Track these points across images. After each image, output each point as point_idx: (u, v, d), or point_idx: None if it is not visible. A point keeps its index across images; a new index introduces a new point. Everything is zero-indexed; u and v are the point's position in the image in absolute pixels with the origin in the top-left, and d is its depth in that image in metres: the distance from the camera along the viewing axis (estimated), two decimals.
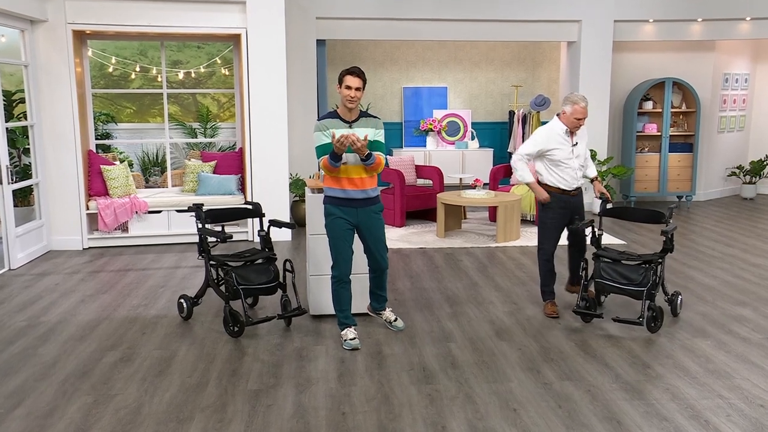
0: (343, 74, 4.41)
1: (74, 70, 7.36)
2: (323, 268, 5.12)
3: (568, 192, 5.18)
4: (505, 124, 12.65)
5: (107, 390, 3.92)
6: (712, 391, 3.89)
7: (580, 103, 5.03)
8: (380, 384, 4.00)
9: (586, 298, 5.02)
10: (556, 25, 9.85)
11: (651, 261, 4.88)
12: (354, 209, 4.52)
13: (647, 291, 4.77)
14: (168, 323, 5.12)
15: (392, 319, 4.98)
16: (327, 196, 4.56)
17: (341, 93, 4.42)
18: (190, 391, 3.90)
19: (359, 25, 9.46)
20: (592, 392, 3.88)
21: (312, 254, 5.14)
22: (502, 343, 4.68)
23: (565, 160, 5.13)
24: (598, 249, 5.15)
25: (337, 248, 4.53)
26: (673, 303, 5.17)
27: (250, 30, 7.70)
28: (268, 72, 7.79)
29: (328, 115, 4.52)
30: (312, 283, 5.17)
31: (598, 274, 4.98)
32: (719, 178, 11.43)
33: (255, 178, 7.94)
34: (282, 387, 3.96)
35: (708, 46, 10.69)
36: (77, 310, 5.45)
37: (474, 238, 8.16)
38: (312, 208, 5.08)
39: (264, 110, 7.85)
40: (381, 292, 4.92)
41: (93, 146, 8.03)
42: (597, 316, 4.99)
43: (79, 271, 6.67)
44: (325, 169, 4.43)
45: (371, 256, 4.71)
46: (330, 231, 4.54)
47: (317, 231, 5.08)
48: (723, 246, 7.71)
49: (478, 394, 3.86)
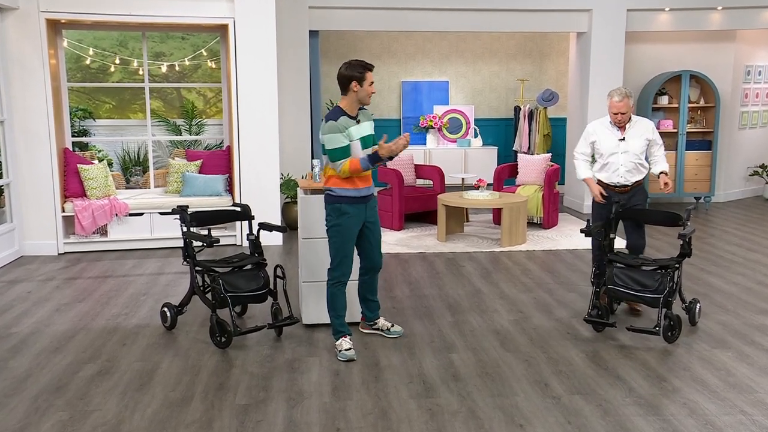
0: (363, 71, 4.51)
1: (48, 62, 7.36)
2: (316, 274, 5.12)
3: (612, 187, 5.39)
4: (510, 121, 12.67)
5: (84, 406, 3.91)
6: (733, 406, 3.89)
7: (613, 97, 5.23)
8: (377, 398, 3.99)
9: (597, 306, 5.04)
10: (564, 15, 9.87)
11: (667, 266, 4.89)
12: (364, 205, 4.69)
13: (664, 298, 4.77)
14: (150, 333, 5.11)
15: (389, 326, 5.01)
16: (341, 196, 4.60)
17: (363, 90, 4.53)
18: (173, 406, 3.89)
19: (355, 15, 9.47)
20: (603, 407, 3.88)
21: (304, 259, 5.14)
22: (508, 354, 4.69)
23: (609, 153, 5.35)
24: (611, 253, 5.17)
25: (345, 248, 4.66)
26: (691, 311, 5.18)
27: (238, 20, 7.71)
28: (258, 65, 7.79)
29: (338, 113, 4.56)
30: (304, 290, 5.17)
31: (611, 281, 4.99)
32: (740, 177, 11.45)
33: (244, 179, 7.94)
34: (272, 401, 3.96)
35: (728, 36, 10.71)
36: (52, 319, 5.44)
37: (477, 242, 8.17)
38: (305, 211, 5.09)
39: (253, 106, 7.85)
40: (374, 297, 4.99)
41: (69, 144, 8.02)
42: (609, 325, 5.00)
43: (53, 278, 6.66)
44: (352, 172, 4.51)
45: (370, 254, 4.82)
46: (342, 230, 4.63)
47: (310, 235, 5.08)
48: (744, 250, 7.73)
49: (481, 408, 3.86)
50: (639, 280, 4.90)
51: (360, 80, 4.51)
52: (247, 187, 7.94)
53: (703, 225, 9.25)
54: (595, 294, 5.09)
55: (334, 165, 4.53)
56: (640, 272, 4.95)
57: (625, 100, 5.20)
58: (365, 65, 4.54)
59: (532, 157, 9.27)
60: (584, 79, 10.04)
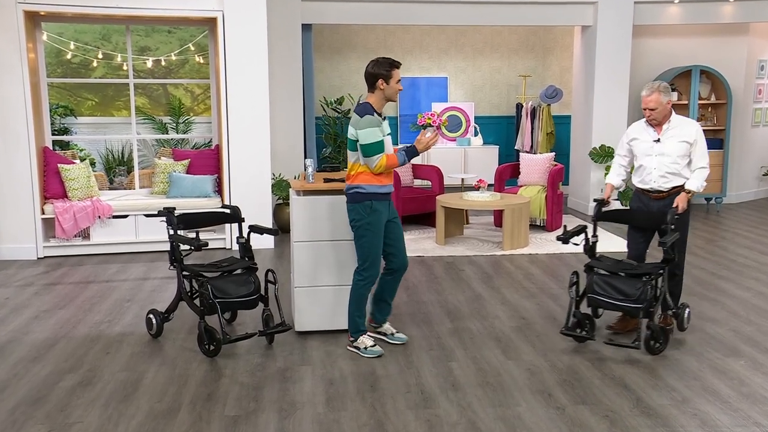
0: (390, 68, 4.67)
1: (26, 56, 7.35)
2: (309, 279, 5.13)
3: (646, 192, 5.18)
4: (512, 119, 12.69)
5: (64, 418, 3.90)
6: (746, 417, 3.90)
7: (643, 91, 5.10)
8: (373, 408, 3.99)
9: (577, 316, 4.94)
10: (569, 7, 9.89)
11: (650, 273, 4.79)
12: (388, 203, 4.84)
13: (645, 308, 4.67)
14: (135, 341, 5.10)
15: (393, 331, 5.06)
16: (371, 193, 4.71)
17: (390, 88, 4.70)
18: (159, 418, 3.89)
19: (350, 8, 9.49)
20: (610, 418, 3.89)
21: (297, 263, 5.14)
22: (509, 362, 4.69)
23: (642, 155, 5.17)
24: (592, 259, 5.08)
25: (377, 246, 4.79)
26: (680, 317, 5.10)
27: (227, 13, 7.71)
28: (248, 60, 7.79)
29: (370, 109, 4.71)
30: (297, 295, 5.17)
31: (591, 288, 4.89)
32: (753, 177, 11.50)
33: (233, 179, 7.94)
34: (263, 412, 3.96)
35: (741, 29, 10.75)
36: (30, 327, 5.43)
37: (477, 245, 8.18)
38: (297, 213, 5.09)
39: (243, 103, 7.85)
40: (390, 300, 5.09)
41: (49, 143, 8.01)
42: (588, 338, 4.92)
43: (32, 284, 6.65)
44: (388, 167, 4.69)
45: (397, 253, 4.94)
46: (374, 228, 4.74)
47: (303, 237, 5.08)
48: (757, 254, 7.75)
49: (482, 419, 3.86)
50: (620, 288, 4.77)
51: (387, 78, 4.68)
52: (237, 188, 7.93)
53: (714, 227, 9.27)
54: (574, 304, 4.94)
55: (369, 160, 4.64)
56: (621, 279, 4.82)
57: (656, 95, 4.96)
58: (392, 62, 4.72)
59: (534, 157, 9.29)
60: (589, 75, 10.06)
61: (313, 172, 5.25)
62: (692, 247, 8.01)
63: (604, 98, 9.89)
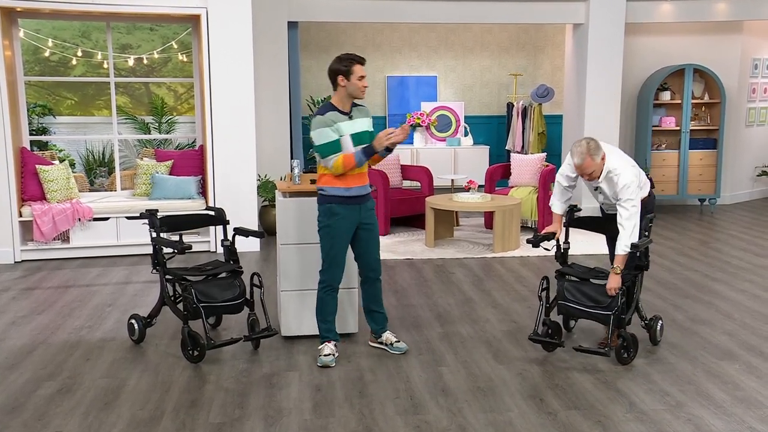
0: (349, 64, 4.59)
1: (2, 53, 7.31)
2: (296, 283, 5.12)
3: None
4: (502, 118, 12.74)
5: (42, 427, 3.88)
6: (741, 422, 3.93)
7: (574, 158, 4.70)
8: (361, 415, 4.00)
9: (547, 323, 4.89)
10: (560, 5, 9.93)
11: (623, 280, 4.72)
12: (358, 206, 4.71)
13: (615, 316, 4.62)
14: (116, 347, 5.08)
15: (393, 341, 5.01)
16: (330, 196, 4.65)
17: (352, 84, 4.59)
18: (141, 426, 3.87)
19: (337, 5, 9.48)
20: (603, 423, 3.90)
21: (284, 267, 5.14)
22: (500, 366, 4.70)
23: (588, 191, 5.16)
24: (563, 265, 5.05)
25: (335, 251, 4.70)
26: (652, 329, 5.02)
27: (211, 10, 7.70)
28: (233, 58, 7.78)
29: (328, 108, 4.64)
30: (283, 299, 5.16)
31: (561, 295, 4.87)
32: (747, 178, 11.58)
33: (218, 180, 7.93)
34: (249, 419, 3.95)
35: (735, 27, 10.83)
36: (7, 333, 5.39)
37: (468, 247, 8.20)
38: (283, 215, 5.08)
39: (228, 102, 7.84)
40: (379, 309, 5.01)
41: (26, 143, 7.97)
42: (558, 345, 4.87)
43: (9, 288, 6.61)
44: (345, 168, 4.56)
45: (367, 260, 4.86)
46: (332, 231, 4.66)
47: (289, 240, 5.08)
48: (752, 256, 7.81)
49: (472, 425, 3.87)
50: (591, 295, 4.74)
51: (346, 74, 4.59)
52: (222, 189, 7.92)
53: (708, 228, 9.33)
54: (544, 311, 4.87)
55: (325, 161, 4.59)
56: (592, 286, 4.79)
57: (588, 160, 4.60)
58: (353, 58, 4.62)
59: (525, 157, 9.32)
60: (581, 73, 10.11)
61: (299, 173, 5.24)
62: (686, 248, 8.07)
63: (596, 98, 9.93)
